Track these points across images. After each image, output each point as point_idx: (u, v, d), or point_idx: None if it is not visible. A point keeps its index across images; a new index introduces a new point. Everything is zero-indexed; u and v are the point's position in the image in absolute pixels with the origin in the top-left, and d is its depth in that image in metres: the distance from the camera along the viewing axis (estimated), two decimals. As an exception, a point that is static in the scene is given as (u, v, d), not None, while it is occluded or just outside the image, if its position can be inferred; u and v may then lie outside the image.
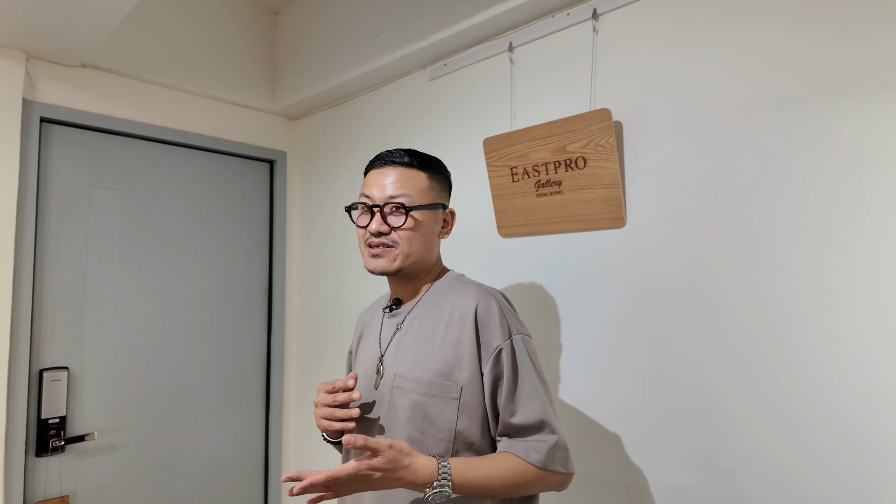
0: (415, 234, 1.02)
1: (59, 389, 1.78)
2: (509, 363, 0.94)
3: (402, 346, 1.02)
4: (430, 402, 0.95)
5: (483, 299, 0.98)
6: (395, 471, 0.83)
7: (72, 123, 1.87)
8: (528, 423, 0.93)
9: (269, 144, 2.41)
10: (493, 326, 0.96)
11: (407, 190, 1.01)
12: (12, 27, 1.59)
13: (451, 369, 0.95)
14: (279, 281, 2.40)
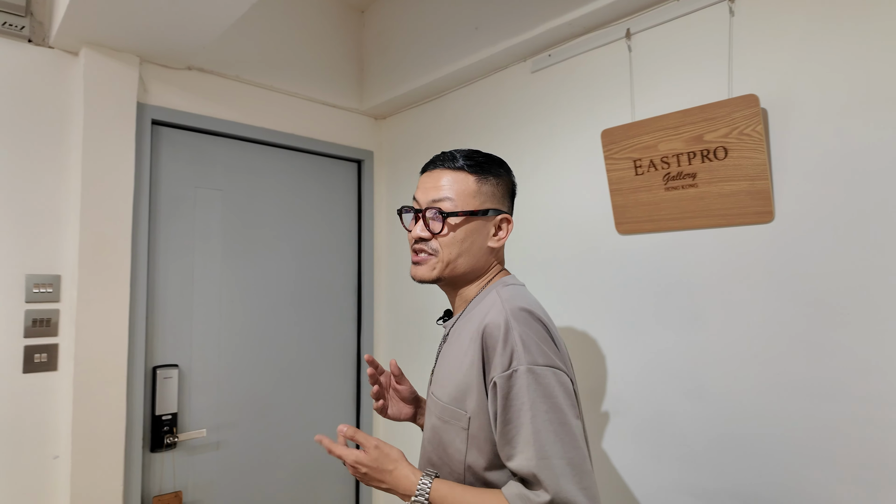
0: (456, 242, 0.93)
1: (171, 387, 1.82)
2: (504, 400, 0.81)
3: (439, 362, 0.97)
4: (444, 428, 0.89)
5: (494, 318, 0.85)
6: (378, 471, 0.84)
7: (179, 125, 1.91)
8: (519, 472, 0.80)
9: (356, 144, 2.41)
10: (495, 353, 0.83)
11: (450, 194, 0.93)
12: (128, 31, 1.63)
13: (463, 396, 0.87)
14: (367, 280, 2.39)
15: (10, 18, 1.60)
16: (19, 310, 1.60)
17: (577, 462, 0.77)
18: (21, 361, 1.60)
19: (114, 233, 1.69)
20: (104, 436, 1.63)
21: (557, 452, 0.76)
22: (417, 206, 0.96)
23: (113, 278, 1.68)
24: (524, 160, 1.85)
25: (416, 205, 0.97)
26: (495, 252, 0.99)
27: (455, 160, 0.95)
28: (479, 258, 0.95)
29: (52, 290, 1.66)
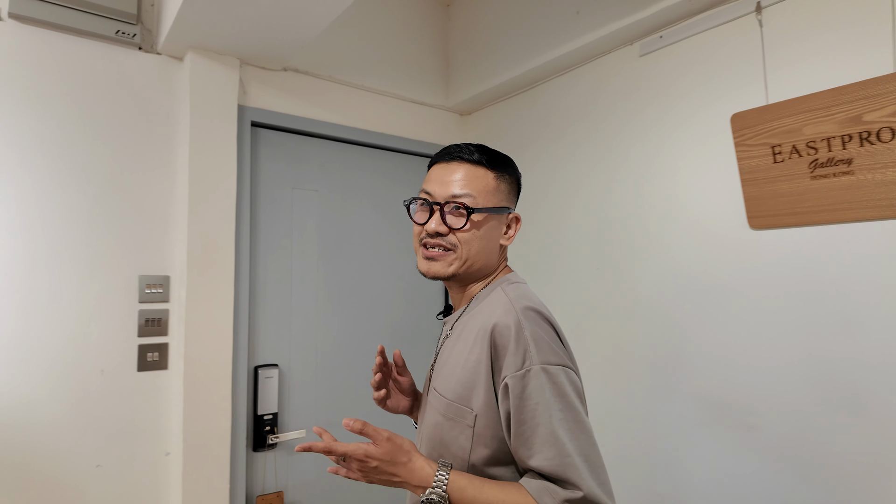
0: (475, 239, 0.90)
1: (272, 386, 1.83)
2: (518, 400, 0.78)
3: (442, 359, 0.94)
4: (446, 425, 0.86)
5: (503, 317, 0.83)
6: (391, 464, 0.79)
7: (276, 126, 1.92)
8: (542, 470, 0.77)
9: (442, 141, 2.35)
10: (506, 352, 0.81)
11: (471, 190, 0.89)
12: (230, 34, 1.64)
13: (469, 393, 0.85)
14: (455, 280, 2.33)
15: (123, 27, 1.65)
16: (133, 309, 1.65)
17: (594, 459, 0.77)
18: (136, 360, 1.65)
19: (218, 234, 1.71)
20: (212, 434, 1.66)
21: (576, 451, 0.76)
22: (432, 198, 0.92)
23: (218, 278, 1.70)
24: (630, 151, 1.73)
25: (430, 197, 0.92)
26: (504, 250, 0.98)
27: (472, 153, 0.92)
28: (491, 256, 0.94)
29: (162, 291, 1.70)
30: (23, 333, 1.49)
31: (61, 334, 1.54)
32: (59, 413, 1.52)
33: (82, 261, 1.58)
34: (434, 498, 0.77)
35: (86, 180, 1.60)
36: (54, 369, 1.52)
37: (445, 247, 0.90)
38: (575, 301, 1.89)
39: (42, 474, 1.49)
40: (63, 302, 1.55)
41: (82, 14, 1.58)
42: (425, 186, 0.94)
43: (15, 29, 1.52)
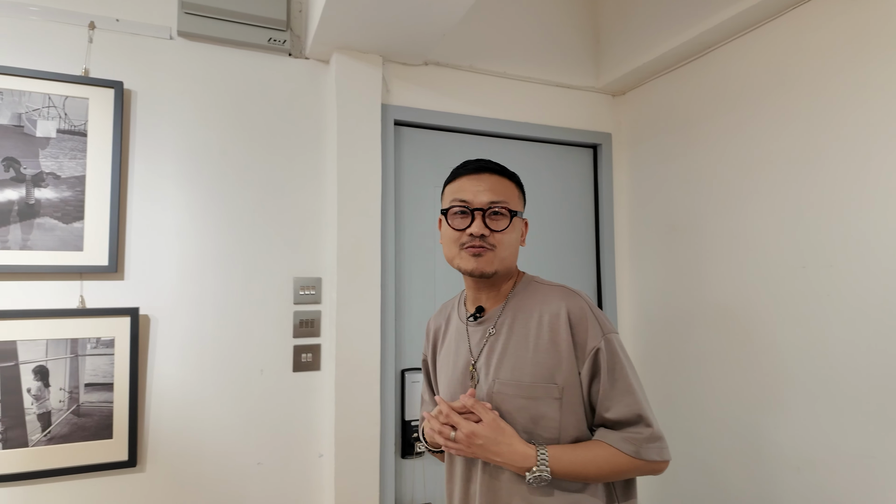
0: (509, 240, 1.03)
1: (419, 391, 1.76)
2: (605, 362, 0.96)
3: (494, 353, 1.03)
4: (533, 404, 0.97)
5: (573, 301, 1.00)
6: (494, 443, 0.93)
7: (417, 124, 1.86)
8: (623, 418, 0.96)
9: (591, 127, 2.13)
10: (586, 327, 0.98)
11: (504, 197, 1.03)
12: (372, 31, 1.60)
13: (551, 372, 0.97)
14: (608, 278, 2.09)
15: (274, 34, 1.68)
16: (289, 311, 1.69)
17: (648, 401, 1.00)
18: (291, 360, 1.68)
19: (365, 235, 1.68)
20: (362, 438, 1.63)
21: (645, 398, 0.98)
22: (470, 205, 1.02)
23: (366, 280, 1.67)
24: (847, 116, 1.36)
25: (469, 204, 1.02)
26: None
27: (497, 166, 1.06)
28: (516, 256, 1.06)
29: (315, 292, 1.71)
30: (195, 334, 1.58)
31: (227, 334, 1.61)
32: (225, 410, 1.59)
33: (245, 264, 1.64)
34: (544, 474, 0.92)
35: (246, 186, 1.66)
36: (221, 368, 1.60)
37: (487, 247, 1.01)
38: (766, 305, 1.56)
39: (212, 469, 1.56)
40: (229, 303, 1.62)
41: (239, 26, 1.64)
42: (458, 196, 1.03)
43: (183, 46, 1.62)
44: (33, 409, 1.40)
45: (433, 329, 1.22)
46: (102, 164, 1.49)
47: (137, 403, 1.49)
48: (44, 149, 1.44)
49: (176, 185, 1.58)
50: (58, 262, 1.43)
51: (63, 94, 1.46)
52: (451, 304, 1.20)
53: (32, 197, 1.42)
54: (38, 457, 1.39)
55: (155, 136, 1.57)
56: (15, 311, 1.38)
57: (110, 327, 1.47)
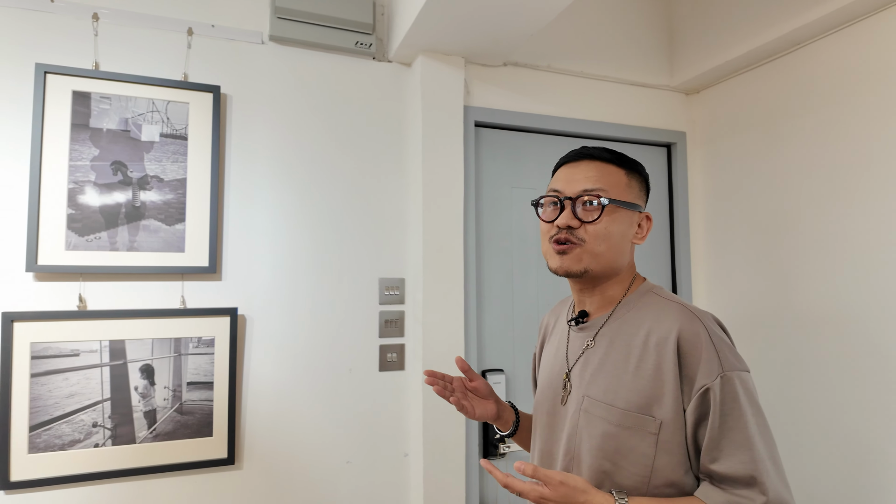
0: (607, 233, 0.89)
1: (499, 392, 1.76)
2: (718, 406, 0.79)
3: (589, 366, 0.92)
4: (623, 434, 0.84)
5: (688, 324, 0.84)
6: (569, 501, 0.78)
7: (496, 125, 1.86)
8: (731, 475, 0.78)
9: (665, 125, 2.10)
10: (699, 359, 0.81)
11: (604, 184, 0.90)
12: (458, 34, 1.60)
13: (650, 402, 0.83)
14: (684, 283, 2.06)
15: (361, 37, 1.70)
16: (374, 311, 1.70)
17: (779, 462, 0.81)
18: (377, 360, 1.69)
19: (450, 237, 1.69)
20: (448, 438, 1.64)
21: (769, 455, 0.79)
22: (561, 195, 0.92)
23: (450, 281, 1.68)
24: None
25: (560, 194, 0.92)
26: (632, 249, 0.96)
27: (601, 152, 0.93)
28: (622, 254, 0.92)
29: (399, 293, 1.73)
30: (287, 333, 1.60)
31: (317, 334, 1.63)
32: (315, 409, 1.61)
33: (333, 264, 1.66)
34: None
35: (334, 188, 1.68)
36: (312, 367, 1.62)
37: (574, 241, 0.89)
38: (868, 307, 1.52)
39: (304, 467, 1.59)
40: (318, 303, 1.64)
41: (328, 30, 1.66)
42: (552, 185, 0.95)
43: (274, 50, 1.65)
44: (140, 407, 1.43)
45: (545, 324, 1.14)
46: (202, 167, 1.52)
47: (235, 402, 1.51)
48: (148, 152, 1.47)
49: (268, 187, 1.61)
50: (162, 263, 1.46)
51: (165, 99, 1.50)
52: (567, 301, 1.11)
53: (138, 199, 1.46)
54: (144, 453, 1.43)
55: (248, 139, 1.60)
56: (125, 311, 1.42)
57: (210, 327, 1.50)
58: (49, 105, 1.39)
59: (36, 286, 1.38)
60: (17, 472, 1.33)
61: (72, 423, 1.38)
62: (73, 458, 1.37)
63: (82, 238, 1.40)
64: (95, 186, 1.42)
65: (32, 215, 1.36)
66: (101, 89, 1.44)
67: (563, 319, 1.06)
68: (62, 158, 1.40)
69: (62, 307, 1.40)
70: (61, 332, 1.38)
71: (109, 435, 1.40)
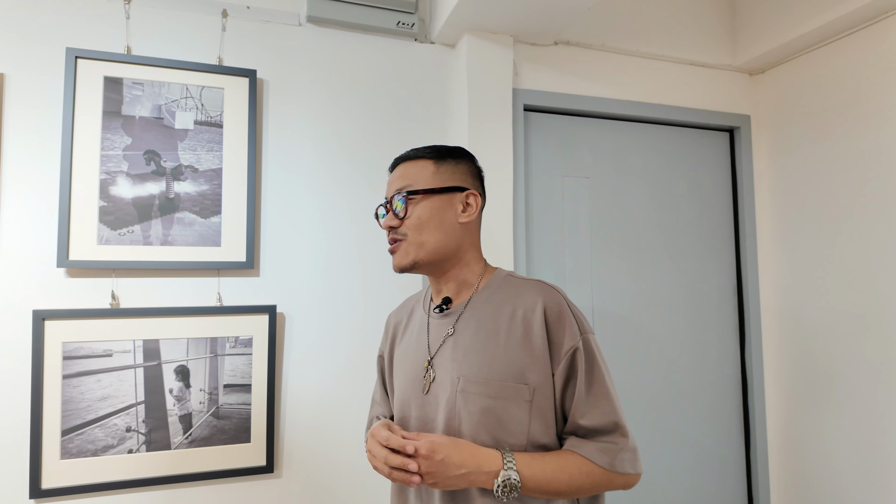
0: (420, 222, 0.93)
1: (553, 398, 1.63)
2: (583, 364, 0.88)
3: (459, 348, 0.93)
4: (500, 405, 0.87)
5: (550, 297, 0.91)
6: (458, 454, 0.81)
7: (546, 109, 1.73)
8: (599, 425, 0.87)
9: (727, 108, 1.94)
10: (563, 326, 0.89)
11: (409, 180, 0.95)
12: (508, 9, 1.48)
13: (522, 371, 0.88)
14: (751, 278, 1.89)
15: (403, 17, 1.59)
16: (418, 310, 1.59)
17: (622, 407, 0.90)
18: (421, 362, 1.58)
19: (499, 228, 1.57)
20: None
21: (620, 405, 0.90)
22: (385, 202, 0.98)
23: (500, 278, 1.55)
24: None
25: (385, 202, 0.98)
26: (469, 230, 0.97)
27: (411, 153, 0.98)
28: (450, 236, 0.94)
29: (443, 291, 1.61)
30: (327, 332, 1.50)
31: (358, 334, 1.53)
32: (356, 415, 1.50)
33: (372, 259, 1.56)
34: (512, 477, 0.80)
35: (375, 178, 1.57)
36: (352, 369, 1.51)
37: (399, 238, 0.94)
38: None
39: (345, 476, 1.48)
40: (358, 301, 1.53)
41: (368, 9, 1.56)
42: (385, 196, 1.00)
43: (312, 32, 1.55)
44: (175, 411, 1.35)
45: (393, 323, 1.10)
46: (238, 157, 1.43)
47: (274, 405, 1.42)
48: (182, 141, 1.39)
49: (306, 177, 1.51)
50: (197, 258, 1.38)
51: (200, 85, 1.41)
52: (416, 297, 1.10)
53: (172, 191, 1.37)
54: (179, 460, 1.35)
55: (285, 126, 1.51)
56: (160, 309, 1.34)
57: (248, 326, 1.41)
58: (80, 92, 1.32)
59: (67, 282, 1.31)
60: (49, 480, 1.26)
61: (105, 428, 1.30)
62: (107, 465, 1.30)
63: (115, 232, 1.33)
64: (128, 177, 1.34)
65: (63, 208, 1.28)
66: (133, 75, 1.36)
67: (417, 313, 1.05)
68: (94, 148, 1.32)
69: (94, 305, 1.32)
70: (94, 331, 1.30)
71: (144, 440, 1.32)
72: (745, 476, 1.86)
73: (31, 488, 1.24)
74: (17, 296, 1.27)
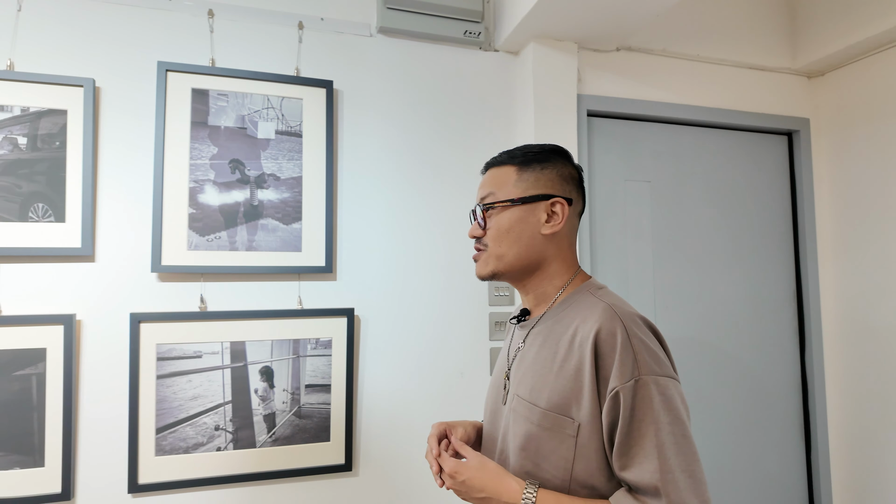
0: (503, 233, 0.90)
1: (617, 400, 1.65)
2: (628, 410, 0.75)
3: (523, 364, 0.90)
4: (543, 435, 0.82)
5: (607, 323, 0.79)
6: (480, 480, 0.83)
7: (608, 114, 1.75)
8: (637, 483, 0.75)
9: (785, 112, 1.93)
10: (614, 360, 0.77)
11: (492, 188, 0.93)
12: (575, 17, 1.50)
13: (569, 403, 0.80)
14: (811, 283, 1.89)
15: (470, 26, 1.62)
16: (484, 312, 1.62)
17: (697, 475, 0.75)
18: (488, 363, 1.61)
19: (565, 233, 1.59)
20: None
21: (680, 465, 0.74)
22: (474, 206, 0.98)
23: (567, 282, 1.58)
24: None
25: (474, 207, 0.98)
26: (555, 241, 0.91)
27: (497, 158, 0.95)
28: (532, 249, 0.90)
29: (508, 293, 1.64)
30: (400, 334, 1.54)
31: (429, 335, 1.56)
32: (429, 414, 1.54)
33: (443, 263, 1.59)
34: None
35: (442, 184, 1.61)
36: (425, 370, 1.55)
37: (481, 248, 0.93)
38: None
39: (421, 474, 1.52)
40: (430, 304, 1.57)
41: (437, 19, 1.59)
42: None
43: (382, 43, 1.59)
44: (260, 410, 1.40)
45: (508, 325, 1.13)
46: (317, 165, 1.47)
47: (352, 405, 1.46)
48: (265, 150, 1.44)
49: (377, 184, 1.55)
50: (279, 263, 1.43)
51: (280, 95, 1.46)
52: None
53: (256, 198, 1.42)
54: (264, 458, 1.40)
55: (358, 135, 1.55)
56: (245, 312, 1.39)
57: (328, 328, 1.45)
58: (170, 103, 1.38)
59: (159, 287, 1.37)
60: (145, 475, 1.32)
61: (195, 426, 1.36)
62: (197, 462, 1.35)
63: (203, 238, 1.38)
64: (215, 185, 1.40)
65: (157, 215, 1.34)
66: (218, 86, 1.42)
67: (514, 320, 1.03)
68: (183, 157, 1.38)
69: (184, 308, 1.38)
70: (185, 333, 1.36)
71: (231, 439, 1.38)
72: (806, 480, 1.86)
73: (130, 483, 1.30)
74: (115, 300, 1.33)
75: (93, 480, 1.30)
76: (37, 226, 1.28)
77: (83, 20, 1.36)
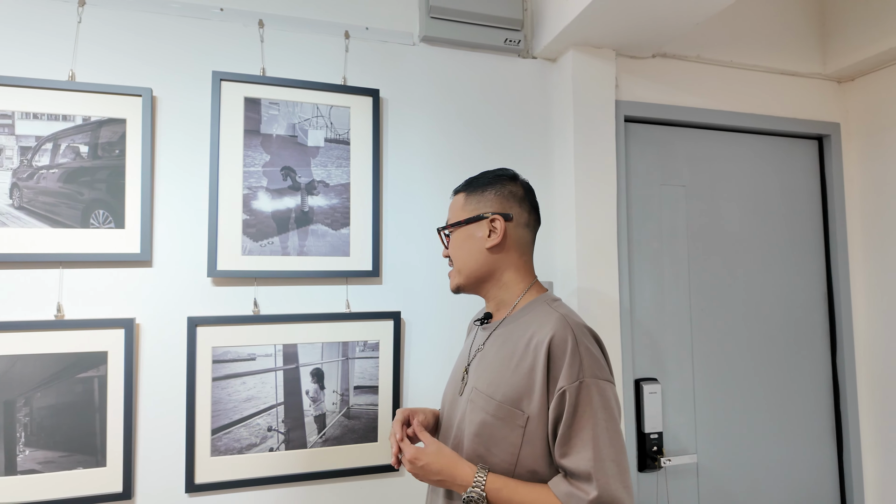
0: (458, 252, 1.06)
1: (655, 403, 1.67)
2: (571, 407, 0.89)
3: (483, 362, 1.02)
4: (496, 424, 0.94)
5: (561, 331, 0.92)
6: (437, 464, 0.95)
7: (644, 119, 1.77)
8: (574, 469, 0.88)
9: (815, 116, 1.96)
10: (563, 364, 0.90)
11: (450, 214, 1.11)
12: (614, 25, 1.53)
13: (521, 397, 0.93)
14: (842, 286, 1.91)
15: (511, 34, 1.65)
16: (525, 316, 1.65)
17: (624, 466, 0.88)
18: (528, 367, 1.63)
19: (604, 239, 1.62)
20: (608, 450, 1.56)
21: (610, 455, 0.87)
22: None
23: (605, 285, 1.61)
24: None
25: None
26: (502, 253, 1.04)
27: (458, 186, 1.12)
28: (480, 261, 1.04)
29: (547, 297, 1.67)
30: (442, 338, 1.57)
31: (472, 340, 1.59)
32: (473, 416, 1.57)
33: (485, 268, 1.62)
34: (474, 496, 0.89)
35: (484, 189, 1.64)
36: (468, 373, 1.58)
37: (451, 266, 1.09)
38: None
39: (464, 474, 1.55)
40: (470, 308, 1.60)
41: (479, 28, 1.62)
42: None
43: (425, 51, 1.62)
44: (311, 411, 1.43)
45: (470, 324, 1.23)
46: (364, 172, 1.51)
47: (399, 407, 1.49)
48: (314, 158, 1.47)
49: (420, 190, 1.58)
50: (329, 268, 1.46)
51: (329, 104, 1.49)
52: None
53: (307, 204, 1.46)
54: (314, 458, 1.43)
55: (402, 142, 1.58)
56: (296, 315, 1.42)
57: (375, 331, 1.48)
58: (224, 112, 1.41)
59: (215, 291, 1.40)
60: (201, 475, 1.35)
61: (249, 427, 1.39)
62: (250, 462, 1.39)
63: (256, 243, 1.41)
64: (267, 192, 1.43)
65: (212, 221, 1.38)
66: (269, 95, 1.45)
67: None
68: (237, 164, 1.41)
69: (239, 311, 1.41)
70: (239, 336, 1.39)
71: (283, 439, 1.41)
72: (838, 482, 1.88)
73: (187, 483, 1.33)
74: (172, 304, 1.37)
75: (152, 480, 1.33)
76: (98, 232, 1.32)
77: (140, 31, 1.39)
